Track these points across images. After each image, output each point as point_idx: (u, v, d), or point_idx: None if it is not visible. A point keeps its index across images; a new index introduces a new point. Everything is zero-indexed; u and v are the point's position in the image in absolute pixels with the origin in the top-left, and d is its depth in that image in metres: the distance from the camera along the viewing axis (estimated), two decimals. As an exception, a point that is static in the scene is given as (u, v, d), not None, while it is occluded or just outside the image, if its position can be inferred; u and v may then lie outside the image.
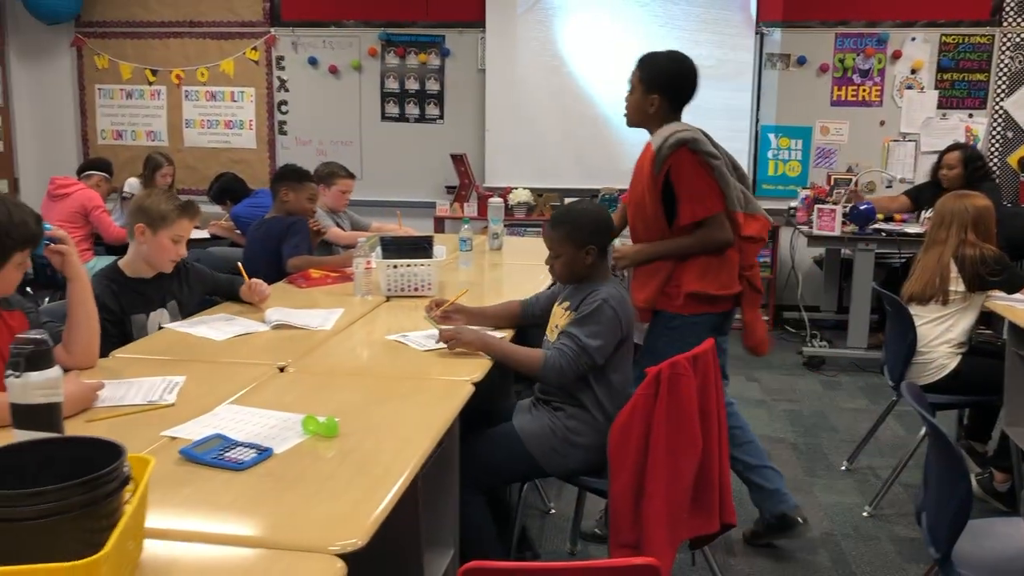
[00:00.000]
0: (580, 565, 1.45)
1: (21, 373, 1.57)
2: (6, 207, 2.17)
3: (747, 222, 3.06)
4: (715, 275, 3.03)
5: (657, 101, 3.06)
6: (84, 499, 1.20)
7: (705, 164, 2.98)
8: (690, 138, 2.96)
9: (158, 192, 3.02)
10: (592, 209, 2.74)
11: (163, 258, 2.92)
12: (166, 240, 2.89)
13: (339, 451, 1.87)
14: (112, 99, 7.44)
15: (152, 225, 2.87)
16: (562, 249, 2.65)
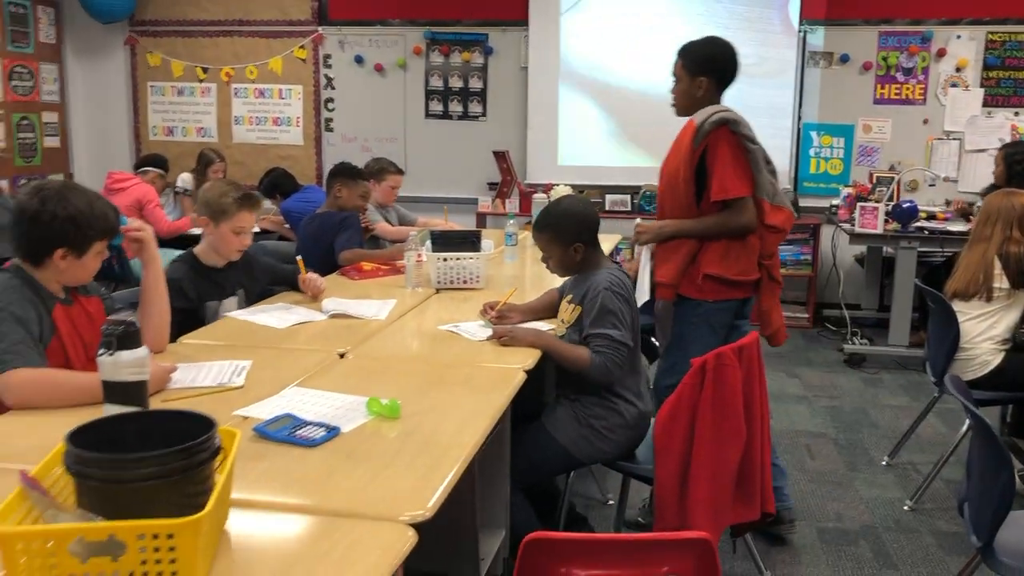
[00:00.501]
0: (636, 537, 1.54)
1: (113, 352, 1.68)
2: (87, 199, 2.29)
3: (772, 211, 3.08)
4: (734, 260, 3.07)
5: (704, 83, 3.12)
6: (182, 465, 1.31)
7: (742, 146, 3.03)
8: (733, 119, 3.03)
9: (220, 185, 3.15)
10: (572, 207, 2.79)
11: (227, 248, 3.05)
12: (227, 232, 3.02)
13: (401, 431, 1.97)
14: (163, 96, 7.64)
15: (214, 218, 3.01)
16: (551, 250, 2.74)
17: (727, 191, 2.99)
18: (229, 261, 3.12)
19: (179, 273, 2.97)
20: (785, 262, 6.64)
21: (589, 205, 2.90)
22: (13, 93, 6.92)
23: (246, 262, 3.21)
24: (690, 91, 3.15)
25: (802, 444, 4.19)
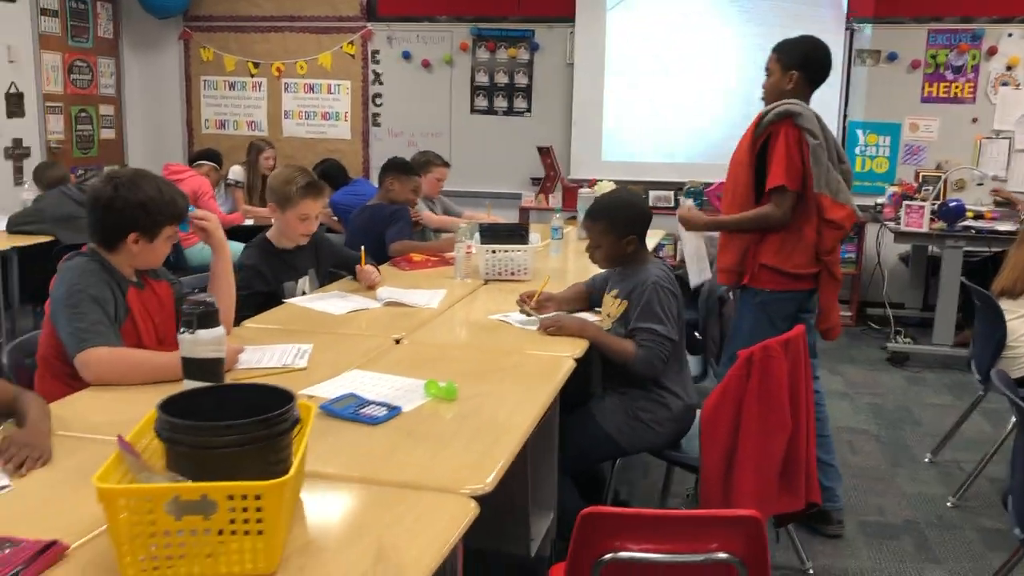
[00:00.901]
0: (687, 514, 1.61)
1: (193, 331, 1.79)
2: (157, 186, 2.40)
3: (833, 207, 3.09)
4: (789, 253, 3.12)
5: (795, 77, 3.17)
6: (264, 434, 1.40)
7: (803, 141, 3.05)
8: (796, 111, 3.07)
9: (287, 172, 3.26)
10: (629, 200, 2.85)
11: (293, 234, 3.18)
12: (293, 218, 3.14)
13: (458, 413, 2.06)
14: (216, 90, 7.81)
15: (280, 204, 3.13)
16: (603, 240, 2.78)
17: (775, 180, 3.04)
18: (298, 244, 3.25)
19: (253, 259, 3.11)
20: (829, 260, 6.63)
21: (643, 200, 2.96)
22: (72, 86, 7.14)
23: (314, 244, 3.34)
24: (780, 84, 3.20)
25: (844, 440, 4.21)
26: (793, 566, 3.01)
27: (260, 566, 1.31)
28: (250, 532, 1.30)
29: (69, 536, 1.40)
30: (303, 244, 3.27)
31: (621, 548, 1.58)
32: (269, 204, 3.21)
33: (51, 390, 2.25)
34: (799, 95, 3.16)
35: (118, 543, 1.29)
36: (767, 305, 3.16)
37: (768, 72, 3.26)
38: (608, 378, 2.85)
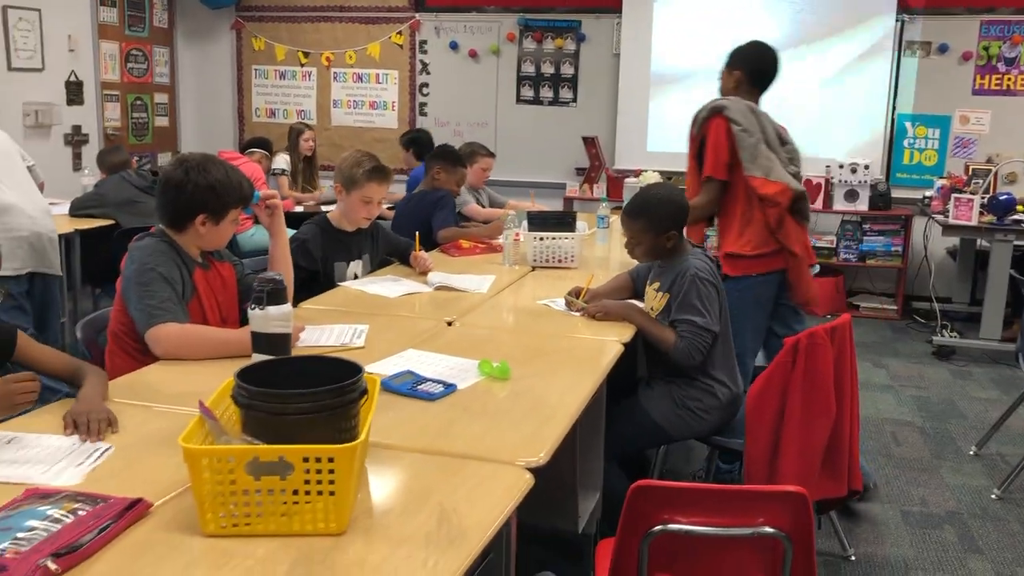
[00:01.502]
0: (735, 489, 1.66)
1: (263, 307, 1.88)
2: (225, 170, 2.51)
3: (764, 185, 3.27)
4: (747, 238, 3.33)
5: (737, 76, 3.46)
6: (335, 402, 1.49)
7: (729, 130, 3.30)
8: (724, 105, 3.36)
9: (356, 155, 3.35)
10: (667, 195, 2.85)
11: (355, 216, 3.28)
12: (357, 200, 3.23)
13: (511, 391, 2.14)
14: (266, 79, 7.96)
15: (346, 186, 3.24)
16: (642, 238, 2.80)
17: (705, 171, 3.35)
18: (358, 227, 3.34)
19: (308, 234, 3.21)
20: (875, 252, 6.60)
21: (680, 193, 2.99)
22: (129, 75, 7.33)
23: (372, 230, 3.43)
24: (726, 84, 3.52)
25: (887, 431, 4.22)
26: (835, 552, 3.05)
27: (331, 526, 1.40)
28: (323, 493, 1.38)
29: (152, 495, 1.50)
30: (363, 227, 3.35)
31: (670, 521, 1.64)
32: (335, 184, 3.31)
33: (121, 364, 2.37)
34: (744, 94, 3.44)
35: (200, 500, 1.38)
36: (748, 290, 3.30)
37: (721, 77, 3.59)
38: (655, 366, 2.90)
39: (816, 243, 6.69)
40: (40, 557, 1.26)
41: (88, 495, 1.47)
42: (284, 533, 1.39)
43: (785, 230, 3.30)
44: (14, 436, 1.75)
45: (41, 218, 3.82)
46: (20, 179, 3.85)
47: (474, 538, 1.42)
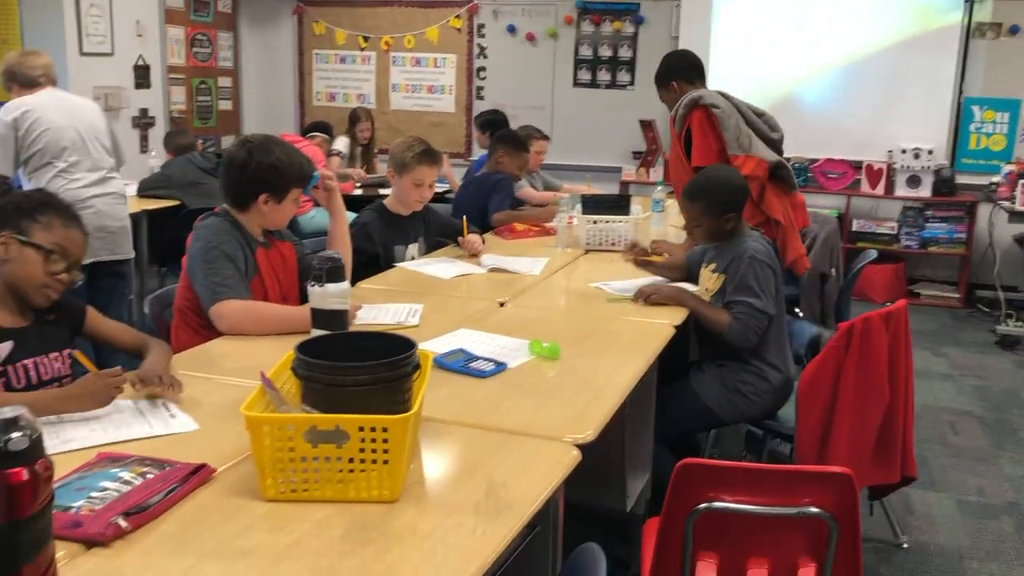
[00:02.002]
0: (781, 468, 1.68)
1: (322, 284, 1.94)
2: (286, 150, 2.58)
3: (746, 162, 3.46)
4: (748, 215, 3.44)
5: (675, 86, 3.69)
6: (390, 375, 1.54)
7: (709, 115, 3.49)
8: (698, 96, 3.55)
9: (407, 140, 3.42)
10: (727, 177, 2.87)
11: (408, 199, 3.34)
12: (408, 184, 3.29)
13: (561, 371, 2.17)
14: (327, 63, 8.08)
15: (398, 170, 3.30)
16: (702, 220, 2.81)
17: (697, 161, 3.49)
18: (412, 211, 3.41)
19: (367, 219, 3.31)
20: (937, 239, 6.47)
21: (739, 175, 2.99)
22: (194, 59, 7.50)
23: (424, 213, 3.49)
24: (671, 99, 3.72)
25: (945, 420, 4.16)
26: (887, 540, 3.03)
27: (385, 493, 1.45)
28: (377, 462, 1.43)
29: (215, 461, 1.57)
30: (416, 210, 3.42)
31: (716, 499, 1.67)
32: (388, 170, 3.38)
33: (186, 339, 2.46)
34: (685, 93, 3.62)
35: (260, 466, 1.45)
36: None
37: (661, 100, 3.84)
38: (706, 350, 2.91)
39: (876, 229, 6.59)
40: (112, 515, 1.33)
41: (156, 460, 1.55)
42: (340, 499, 1.45)
43: (767, 201, 3.49)
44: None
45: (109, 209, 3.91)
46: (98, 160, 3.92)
47: (521, 509, 1.46)
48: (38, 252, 1.97)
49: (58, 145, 3.74)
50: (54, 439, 1.66)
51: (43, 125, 3.71)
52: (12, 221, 1.98)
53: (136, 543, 1.32)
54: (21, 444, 1.01)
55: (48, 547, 1.05)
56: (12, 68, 3.83)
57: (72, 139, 3.78)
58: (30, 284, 1.98)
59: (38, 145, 3.71)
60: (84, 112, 3.91)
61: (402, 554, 1.31)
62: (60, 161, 3.76)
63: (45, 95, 3.81)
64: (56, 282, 2.00)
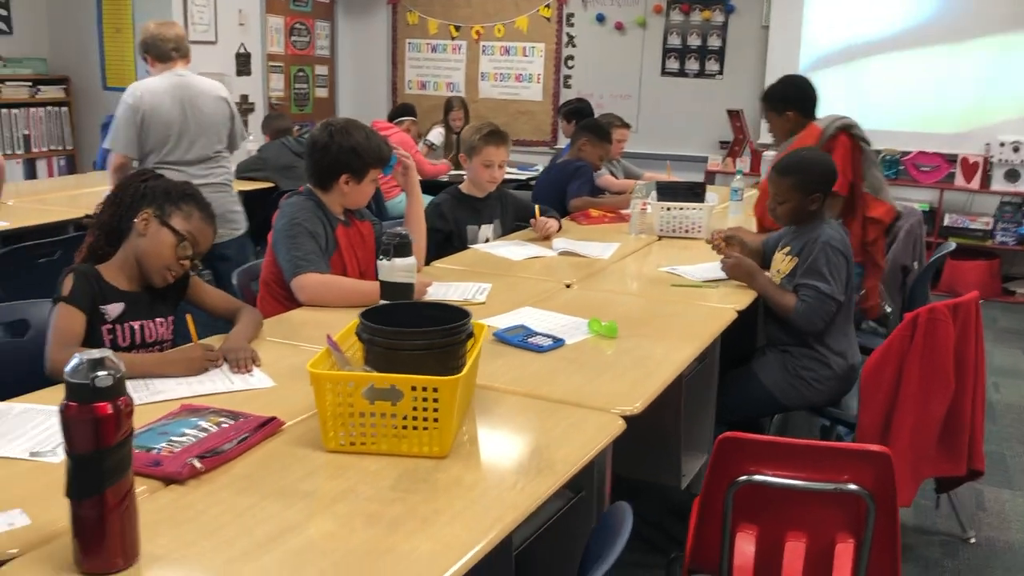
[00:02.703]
0: (820, 445, 1.72)
1: (390, 258, 2.07)
2: (366, 133, 2.72)
3: (874, 204, 3.50)
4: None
5: (792, 116, 3.65)
6: (444, 341, 1.65)
7: (856, 148, 3.49)
8: (851, 123, 3.52)
9: (474, 125, 3.55)
10: (820, 158, 2.88)
11: (480, 180, 3.45)
12: (479, 165, 3.41)
13: (617, 349, 2.25)
14: (419, 52, 8.27)
15: (468, 154, 3.42)
16: (789, 196, 2.80)
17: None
18: (488, 193, 3.53)
19: (440, 199, 3.45)
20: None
21: (831, 159, 2.99)
22: (293, 47, 7.78)
23: (501, 196, 3.61)
24: (783, 124, 3.68)
25: (1028, 420, 4.06)
26: (954, 534, 3.00)
27: (435, 449, 1.56)
28: (428, 419, 1.55)
29: (285, 416, 1.71)
30: (491, 192, 3.52)
31: (756, 473, 1.72)
32: (461, 155, 3.50)
33: (270, 309, 2.63)
34: (803, 125, 3.60)
35: (323, 419, 1.57)
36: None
37: (767, 120, 3.79)
38: (772, 336, 2.93)
39: (969, 224, 6.41)
40: (189, 456, 1.48)
41: (231, 412, 1.70)
42: (394, 453, 1.57)
43: (878, 246, 3.53)
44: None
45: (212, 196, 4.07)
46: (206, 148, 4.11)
47: (561, 470, 1.55)
48: (173, 235, 2.12)
49: (166, 132, 3.88)
50: (145, 391, 1.83)
51: (156, 112, 3.83)
52: (157, 202, 2.15)
53: (208, 482, 1.46)
54: (106, 382, 1.15)
55: (127, 474, 1.20)
56: (147, 40, 3.93)
57: (182, 127, 3.89)
58: (156, 262, 2.13)
59: (149, 130, 3.90)
60: (202, 98, 3.97)
61: (445, 502, 1.42)
62: (166, 148, 3.93)
63: (169, 78, 3.90)
64: (178, 266, 2.15)
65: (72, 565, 1.20)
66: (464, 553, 1.27)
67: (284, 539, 1.29)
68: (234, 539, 1.29)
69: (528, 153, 7.61)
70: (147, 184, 2.19)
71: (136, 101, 3.82)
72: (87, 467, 1.16)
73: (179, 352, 2.02)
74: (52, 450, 1.52)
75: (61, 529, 1.24)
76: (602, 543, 1.34)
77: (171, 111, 3.86)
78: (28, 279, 3.20)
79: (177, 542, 1.28)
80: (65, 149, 6.72)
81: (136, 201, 2.16)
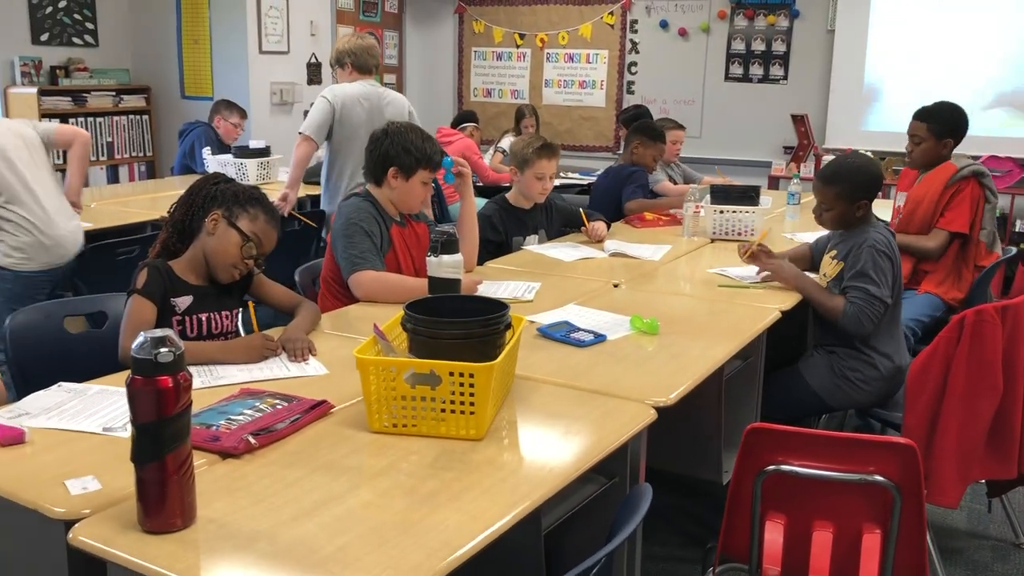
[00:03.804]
0: (847, 436, 1.76)
1: (438, 255, 2.18)
2: (420, 135, 2.84)
3: (986, 256, 3.69)
4: (948, 288, 3.65)
5: (950, 144, 3.73)
6: (482, 331, 1.75)
7: (983, 198, 3.66)
8: (984, 172, 3.69)
9: (525, 138, 3.64)
10: (864, 164, 2.89)
11: (531, 192, 3.53)
12: (531, 177, 3.49)
13: (658, 345, 2.31)
14: (484, 60, 8.42)
15: (519, 166, 3.50)
16: (835, 204, 2.82)
17: (951, 224, 3.62)
18: (534, 204, 3.61)
19: (490, 211, 3.52)
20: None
21: (876, 163, 3.02)
22: (362, 57, 7.99)
23: (548, 205, 3.69)
24: (936, 150, 3.72)
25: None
26: (1006, 539, 2.98)
27: (472, 432, 1.66)
28: (465, 403, 1.64)
29: (335, 400, 1.83)
30: (539, 203, 3.61)
31: (783, 462, 1.77)
32: (510, 167, 3.57)
33: (330, 305, 2.77)
34: (947, 158, 3.72)
35: (368, 401, 1.69)
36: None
37: (915, 139, 3.77)
38: (820, 337, 2.95)
39: None
40: (245, 433, 1.61)
41: (286, 395, 1.82)
42: (434, 435, 1.67)
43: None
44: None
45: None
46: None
47: (591, 454, 1.63)
48: (239, 236, 2.26)
49: (349, 140, 4.22)
50: (208, 376, 1.97)
51: (348, 119, 4.20)
52: (227, 204, 2.29)
53: (261, 457, 1.58)
54: (167, 358, 1.28)
55: (186, 443, 1.32)
56: (353, 50, 4.31)
57: (361, 137, 4.14)
58: (223, 260, 2.27)
59: (336, 135, 4.22)
60: (385, 112, 4.25)
61: (478, 479, 1.52)
62: (345, 155, 4.24)
63: (364, 87, 4.28)
64: (243, 265, 2.28)
65: (136, 524, 1.33)
66: (490, 525, 1.36)
67: (327, 507, 1.40)
68: (282, 506, 1.41)
69: (591, 159, 7.69)
70: (218, 187, 2.34)
71: (337, 102, 4.20)
72: (149, 435, 1.29)
73: (240, 341, 2.17)
74: (122, 426, 1.66)
75: (127, 494, 1.37)
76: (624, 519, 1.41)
77: (362, 118, 4.21)
78: (109, 275, 3.42)
79: (231, 508, 1.40)
80: (145, 155, 7.04)
81: (207, 202, 2.31)
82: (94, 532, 1.33)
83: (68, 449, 1.60)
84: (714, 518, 2.72)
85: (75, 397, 1.82)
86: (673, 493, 3.10)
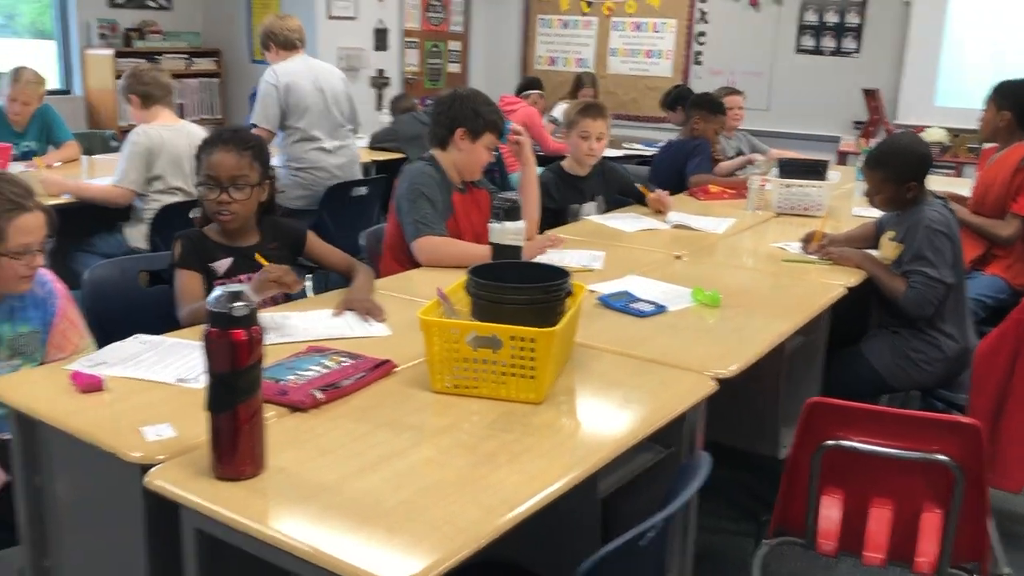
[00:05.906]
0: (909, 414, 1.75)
1: (501, 221, 2.20)
2: (485, 100, 2.88)
3: None
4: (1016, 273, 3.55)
5: (1007, 117, 3.59)
6: (543, 297, 1.77)
7: None
8: None
9: (575, 102, 3.62)
10: (909, 145, 2.84)
11: (579, 153, 3.53)
12: (576, 138, 3.49)
13: (719, 317, 2.31)
14: (550, 28, 8.35)
15: (567, 129, 3.51)
16: (883, 187, 2.79)
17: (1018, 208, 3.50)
18: (590, 170, 3.60)
19: (546, 178, 3.53)
20: None
21: (924, 143, 2.96)
22: (428, 23, 8.01)
23: (604, 171, 3.67)
24: (993, 121, 3.65)
25: None
26: (1073, 530, 2.91)
27: (531, 395, 1.69)
28: (525, 367, 1.67)
29: (399, 361, 1.87)
30: (591, 167, 3.59)
31: (843, 438, 1.77)
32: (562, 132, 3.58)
33: (393, 268, 2.81)
34: (1012, 133, 3.60)
35: (431, 363, 1.72)
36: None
37: (985, 109, 3.71)
38: (884, 317, 2.91)
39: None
40: (312, 388, 1.66)
41: (351, 354, 1.87)
42: (494, 397, 1.70)
43: None
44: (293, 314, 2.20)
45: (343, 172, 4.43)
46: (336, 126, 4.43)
47: (649, 423, 1.65)
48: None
49: (305, 112, 4.26)
50: (276, 334, 2.03)
51: (297, 92, 4.24)
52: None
53: (328, 411, 1.63)
54: (242, 312, 1.32)
55: (257, 394, 1.37)
56: (272, 30, 4.38)
57: (317, 106, 4.29)
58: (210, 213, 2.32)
59: (291, 111, 4.25)
60: (329, 79, 4.40)
61: (536, 441, 1.54)
62: (304, 125, 4.28)
63: (299, 62, 4.34)
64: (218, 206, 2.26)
65: (208, 471, 1.39)
66: (546, 486, 1.38)
67: (390, 462, 1.45)
68: (347, 459, 1.45)
69: (657, 129, 7.60)
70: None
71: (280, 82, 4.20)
72: (223, 385, 1.34)
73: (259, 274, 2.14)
74: (195, 377, 1.72)
75: (200, 442, 1.43)
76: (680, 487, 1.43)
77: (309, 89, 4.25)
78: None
79: (298, 458, 1.45)
80: (215, 117, 7.17)
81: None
82: (169, 477, 1.39)
83: (144, 398, 1.67)
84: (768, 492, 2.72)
85: (151, 349, 1.89)
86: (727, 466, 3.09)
